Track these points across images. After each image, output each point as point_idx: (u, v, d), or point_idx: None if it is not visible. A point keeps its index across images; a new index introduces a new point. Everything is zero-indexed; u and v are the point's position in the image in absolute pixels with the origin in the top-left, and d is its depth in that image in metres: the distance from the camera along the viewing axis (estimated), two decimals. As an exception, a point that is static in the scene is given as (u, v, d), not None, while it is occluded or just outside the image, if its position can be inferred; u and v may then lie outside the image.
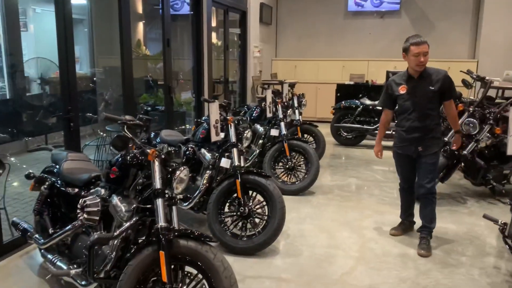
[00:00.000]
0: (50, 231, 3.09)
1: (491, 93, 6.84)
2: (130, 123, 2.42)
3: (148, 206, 2.55)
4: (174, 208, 2.59)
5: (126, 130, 2.39)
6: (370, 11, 10.35)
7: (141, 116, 2.51)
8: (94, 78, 8.63)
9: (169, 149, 2.62)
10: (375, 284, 3.21)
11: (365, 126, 7.72)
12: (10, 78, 6.97)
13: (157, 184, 2.44)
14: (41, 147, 6.80)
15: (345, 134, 8.05)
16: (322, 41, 10.92)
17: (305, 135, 6.58)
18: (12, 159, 5.93)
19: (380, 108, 7.65)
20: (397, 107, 3.85)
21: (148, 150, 2.42)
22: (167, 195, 2.49)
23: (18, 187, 5.16)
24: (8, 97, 6.98)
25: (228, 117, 3.89)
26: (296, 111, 6.28)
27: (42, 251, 3.07)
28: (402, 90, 3.70)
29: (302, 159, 5.36)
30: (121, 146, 2.41)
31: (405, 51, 3.61)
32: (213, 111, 3.76)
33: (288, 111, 5.85)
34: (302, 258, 3.62)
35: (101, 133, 5.98)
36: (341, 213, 4.64)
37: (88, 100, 8.13)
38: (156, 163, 2.45)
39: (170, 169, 2.57)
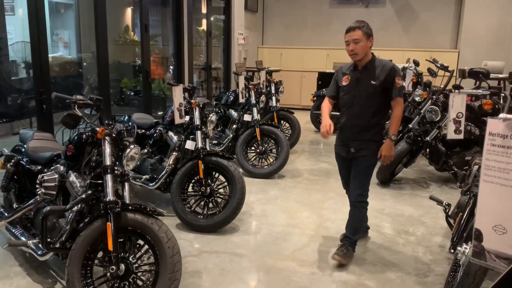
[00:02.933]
0: (14, 206, 3.28)
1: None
2: (80, 103, 2.57)
3: (100, 181, 2.71)
4: (126, 184, 2.78)
5: (76, 109, 2.55)
6: None
7: (91, 96, 2.66)
8: (82, 63, 8.78)
9: (124, 128, 2.75)
10: (323, 259, 3.40)
11: (343, 114, 7.86)
12: (-6, 61, 7.11)
13: (106, 160, 2.60)
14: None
15: (325, 121, 8.19)
16: (308, 30, 11.01)
17: (282, 122, 6.75)
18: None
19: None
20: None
21: (98, 129, 2.57)
22: (117, 172, 2.67)
23: (-2, 168, 5.31)
24: (-8, 80, 7.13)
25: (192, 101, 4.04)
26: (273, 98, 6.44)
27: (7, 225, 3.24)
28: (345, 81, 3.27)
29: (273, 144, 5.52)
30: (72, 124, 2.57)
31: None
32: (177, 94, 3.90)
33: (261, 97, 5.99)
34: (259, 236, 3.80)
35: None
36: (305, 195, 4.82)
37: (76, 84, 8.30)
38: (106, 141, 2.62)
39: (122, 147, 2.74)
